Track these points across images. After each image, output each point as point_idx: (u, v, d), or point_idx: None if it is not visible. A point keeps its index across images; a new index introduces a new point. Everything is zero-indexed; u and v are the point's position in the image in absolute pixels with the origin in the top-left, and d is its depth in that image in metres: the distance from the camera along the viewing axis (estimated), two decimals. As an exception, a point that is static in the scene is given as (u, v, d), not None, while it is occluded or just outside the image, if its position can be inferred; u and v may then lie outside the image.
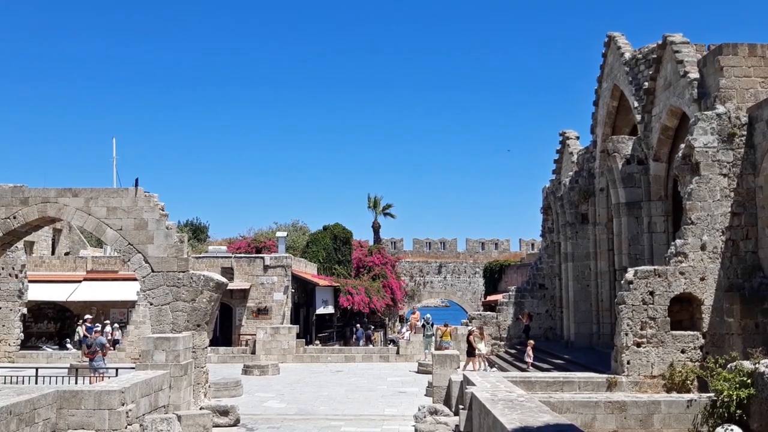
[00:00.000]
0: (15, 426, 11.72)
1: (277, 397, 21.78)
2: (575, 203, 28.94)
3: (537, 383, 16.21)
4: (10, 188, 18.83)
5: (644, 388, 16.44)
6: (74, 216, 18.89)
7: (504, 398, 11.96)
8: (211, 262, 36.00)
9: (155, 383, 15.63)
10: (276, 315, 36.85)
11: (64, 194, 18.74)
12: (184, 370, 17.02)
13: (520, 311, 33.05)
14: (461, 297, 65.74)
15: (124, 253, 18.82)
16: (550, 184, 34.43)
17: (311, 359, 32.66)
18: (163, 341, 16.93)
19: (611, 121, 27.24)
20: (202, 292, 18.47)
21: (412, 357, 31.93)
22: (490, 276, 55.42)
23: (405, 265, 63.81)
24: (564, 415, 12.83)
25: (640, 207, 22.92)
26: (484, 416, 11.45)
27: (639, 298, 16.93)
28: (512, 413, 10.45)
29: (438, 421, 15.00)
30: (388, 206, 65.06)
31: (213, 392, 20.20)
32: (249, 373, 27.29)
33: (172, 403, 16.53)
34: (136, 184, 18.87)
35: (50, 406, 13.01)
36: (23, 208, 18.66)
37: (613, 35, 26.53)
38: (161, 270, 18.46)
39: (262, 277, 37.28)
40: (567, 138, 33.39)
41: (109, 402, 13.31)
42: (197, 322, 18.43)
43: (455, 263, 66.29)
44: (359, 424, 17.14)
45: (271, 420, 17.76)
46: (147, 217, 18.64)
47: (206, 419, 16.20)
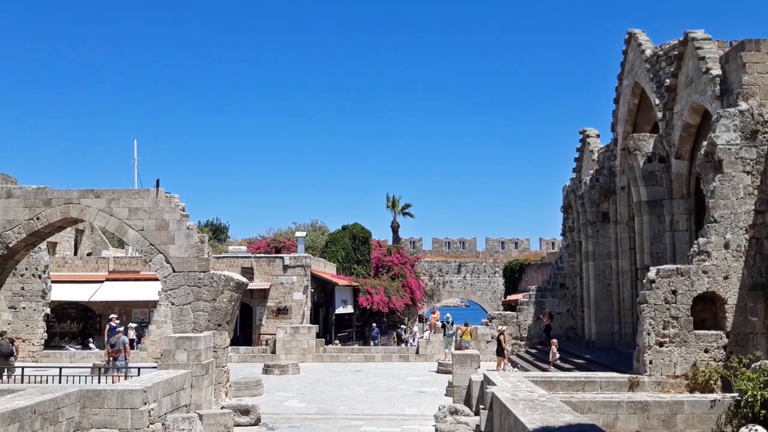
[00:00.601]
0: (39, 425, 11.85)
1: (297, 396, 21.84)
2: (596, 202, 28.73)
3: (558, 383, 16.11)
4: (33, 190, 19.05)
5: (667, 388, 16.27)
6: (96, 217, 19.08)
7: (525, 398, 11.89)
8: (231, 262, 36.21)
9: (177, 382, 15.73)
10: (295, 315, 36.98)
11: (87, 195, 18.92)
12: (206, 370, 17.12)
13: (540, 311, 32.89)
14: (481, 296, 65.52)
15: (146, 254, 18.97)
16: (570, 182, 34.21)
17: (331, 359, 32.73)
18: (184, 341, 17.04)
19: (632, 118, 26.98)
20: (223, 292, 18.57)
21: (432, 357, 31.88)
22: (510, 275, 55.21)
23: (424, 265, 63.72)
24: (586, 415, 12.75)
25: (662, 205, 22.69)
26: (505, 416, 11.40)
27: (661, 298, 16.75)
28: (533, 413, 10.39)
29: (458, 420, 14.96)
30: (406, 206, 65.02)
31: (234, 391, 20.30)
32: (269, 373, 27.41)
33: (194, 402, 16.63)
34: (157, 185, 19.01)
35: (74, 405, 13.14)
36: (46, 209, 18.87)
37: (633, 32, 26.29)
38: (182, 270, 18.59)
39: (281, 277, 37.43)
40: (587, 136, 33.14)
41: (132, 401, 13.42)
42: (218, 322, 18.54)
43: (475, 262, 66.06)
44: (379, 424, 17.14)
45: (292, 419, 17.82)
46: (168, 218, 18.78)
47: (227, 418, 16.29)
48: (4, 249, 18.78)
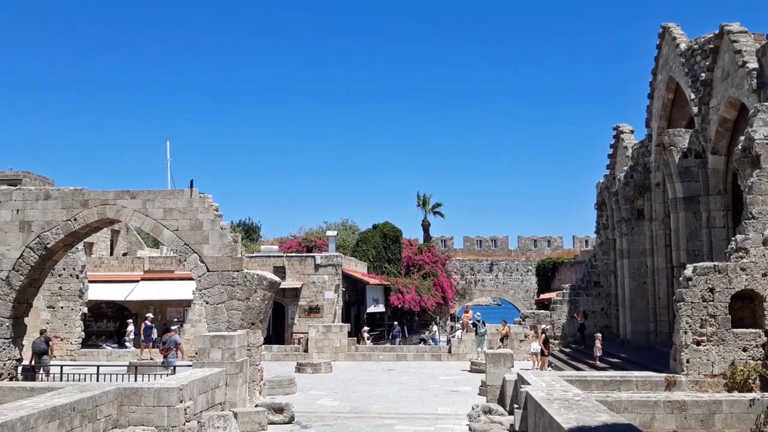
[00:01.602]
0: (78, 422, 12.07)
1: (330, 395, 21.91)
2: (630, 198, 28.37)
3: (593, 382, 15.94)
4: (70, 191, 19.39)
5: (704, 387, 15.99)
6: (132, 217, 19.36)
7: (560, 397, 11.79)
8: (263, 262, 36.47)
9: (212, 381, 15.89)
10: (327, 313, 37.12)
11: (123, 196, 19.21)
12: (240, 368, 17.27)
13: (574, 309, 32.59)
14: (513, 295, 65.10)
15: (181, 253, 19.20)
16: (604, 179, 33.85)
17: (363, 357, 32.78)
18: (219, 339, 17.20)
19: (667, 114, 26.60)
20: (256, 291, 18.72)
21: (464, 356, 31.75)
22: (543, 274, 54.72)
23: (455, 264, 63.49)
24: (622, 414, 12.60)
25: (699, 202, 22.32)
26: (540, 416, 11.31)
27: (698, 296, 16.47)
28: (568, 413, 10.29)
29: (492, 420, 14.87)
30: (437, 205, 64.81)
31: (267, 390, 20.44)
32: (302, 371, 27.55)
33: (228, 400, 16.78)
34: (191, 185, 19.22)
35: (111, 403, 13.34)
36: (83, 210, 19.20)
37: (667, 26, 25.90)
38: (216, 269, 18.78)
39: (313, 276, 37.60)
40: (621, 132, 32.75)
41: (168, 399, 13.58)
42: (251, 321, 18.69)
43: (507, 261, 65.63)
44: (413, 423, 17.11)
45: (325, 418, 17.87)
46: (202, 218, 18.98)
47: (262, 416, 16.40)
48: (42, 249, 19.15)
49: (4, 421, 10.04)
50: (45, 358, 22.34)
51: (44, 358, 22.32)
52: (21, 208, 19.22)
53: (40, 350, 22.53)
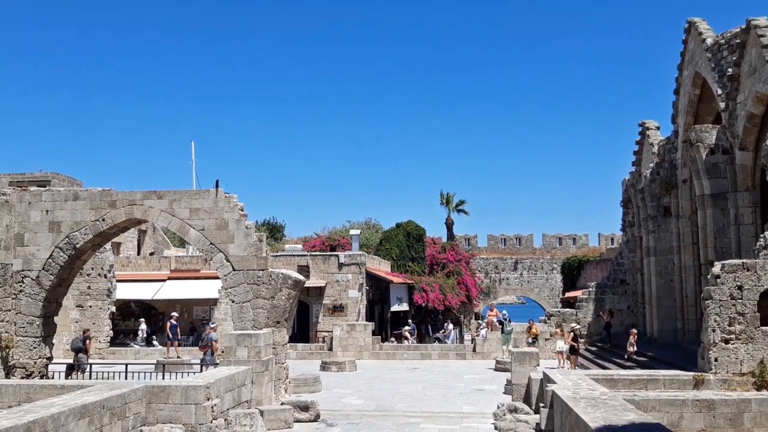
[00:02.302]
0: (108, 419, 12.24)
1: (355, 393, 21.98)
2: (657, 196, 28.07)
3: (620, 381, 15.81)
4: (98, 192, 19.67)
5: (733, 386, 15.78)
6: (159, 217, 19.59)
7: (586, 396, 11.71)
8: (287, 261, 36.67)
9: (238, 379, 16.03)
10: (351, 312, 37.22)
11: (150, 197, 19.44)
12: (266, 366, 17.39)
13: (600, 308, 32.32)
14: (538, 294, 64.70)
15: (207, 253, 19.39)
16: (629, 176, 33.52)
17: (387, 356, 32.82)
18: (244, 338, 17.34)
19: (693, 109, 26.26)
20: (281, 290, 18.84)
21: (489, 355, 31.65)
22: (568, 272, 54.35)
23: (480, 262, 63.25)
24: (649, 413, 12.49)
25: (726, 198, 22.02)
26: (566, 414, 11.25)
27: (726, 293, 16.25)
28: (595, 411, 10.23)
29: (518, 419, 14.83)
30: (461, 203, 64.59)
31: (293, 388, 20.56)
32: (327, 370, 27.66)
33: (255, 398, 16.91)
34: (216, 185, 19.40)
35: (140, 401, 13.51)
36: (111, 211, 19.46)
37: (693, 21, 25.57)
38: (242, 268, 18.94)
39: (337, 275, 37.71)
40: (647, 128, 32.40)
41: (196, 397, 13.72)
42: (277, 319, 18.81)
43: (531, 259, 65.24)
44: (438, 421, 17.10)
45: (350, 416, 17.94)
46: (227, 218, 19.15)
47: (287, 414, 16.51)
48: (71, 249, 19.46)
49: (36, 418, 10.23)
50: (82, 356, 22.93)
51: (81, 356, 22.92)
52: (50, 208, 19.54)
53: (77, 348, 23.19)
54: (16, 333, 19.25)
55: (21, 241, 19.49)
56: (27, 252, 19.44)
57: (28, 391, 14.27)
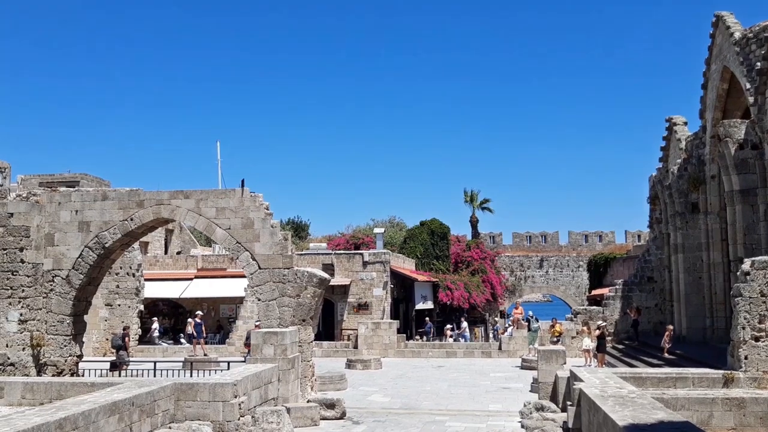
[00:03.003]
0: (137, 416, 12.39)
1: (380, 391, 22.02)
2: (685, 192, 27.74)
3: (648, 379, 15.65)
4: (126, 192, 19.90)
5: (763, 384, 15.53)
6: (186, 217, 19.78)
7: (614, 394, 11.62)
8: (312, 259, 36.81)
9: (265, 376, 16.12)
10: (376, 310, 37.26)
11: (177, 196, 19.62)
12: (292, 364, 17.48)
13: (627, 305, 32.04)
14: (564, 291, 64.20)
15: (233, 251, 19.54)
16: (657, 172, 33.16)
17: (412, 354, 32.82)
18: (271, 335, 17.44)
19: (721, 104, 25.88)
20: (306, 288, 18.93)
21: (515, 353, 31.52)
22: (594, 269, 53.86)
23: (505, 260, 62.94)
24: (678, 412, 12.35)
25: (756, 194, 21.66)
26: (594, 413, 11.17)
27: (757, 290, 16.00)
28: (624, 410, 10.14)
29: (545, 417, 14.74)
30: (485, 200, 64.35)
31: (319, 385, 20.64)
32: (352, 367, 27.74)
33: (281, 395, 17.00)
34: (242, 184, 19.53)
35: (169, 398, 13.65)
36: (139, 210, 19.69)
37: (721, 15, 25.21)
38: (267, 267, 19.05)
39: (361, 273, 37.78)
40: (674, 124, 32.01)
41: (223, 394, 13.82)
42: (302, 317, 18.91)
43: (557, 257, 64.74)
44: (464, 419, 17.07)
45: (376, 414, 17.98)
46: (253, 217, 19.27)
47: (314, 412, 16.59)
48: (101, 249, 19.72)
49: (67, 415, 10.38)
50: (122, 353, 23.68)
51: (121, 353, 23.68)
52: (80, 208, 19.82)
53: (117, 345, 24.01)
54: (47, 331, 19.56)
55: (51, 240, 19.80)
56: (57, 251, 19.73)
57: (59, 388, 14.50)
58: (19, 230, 19.59)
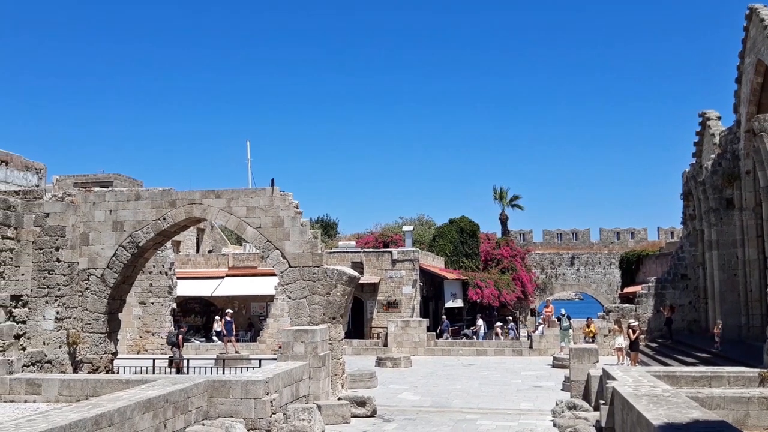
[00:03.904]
0: (171, 413, 12.55)
1: (410, 389, 22.02)
2: (719, 188, 27.31)
3: (682, 378, 15.44)
4: (159, 192, 20.17)
5: (802, 383, 15.24)
6: (217, 216, 19.99)
7: (648, 393, 11.48)
8: (341, 257, 36.95)
9: (296, 374, 16.23)
10: (405, 308, 37.27)
11: (208, 196, 19.84)
12: (322, 362, 17.57)
13: (661, 303, 31.65)
14: (596, 289, 63.57)
15: (264, 250, 19.69)
16: (690, 168, 32.67)
17: (442, 352, 32.77)
18: (301, 333, 17.54)
19: (756, 98, 25.43)
20: (336, 286, 19.01)
21: (546, 351, 31.30)
22: (626, 267, 53.25)
23: (535, 258, 62.52)
24: (714, 411, 12.16)
25: (793, 189, 21.27)
26: (628, 411, 11.06)
27: (795, 288, 15.72)
28: (658, 409, 10.02)
29: (577, 416, 14.62)
30: (515, 198, 64.02)
31: (349, 383, 20.71)
32: (382, 365, 27.77)
33: (312, 393, 17.10)
34: (272, 184, 19.67)
35: (202, 395, 13.81)
36: (172, 210, 19.94)
37: (754, 7, 24.76)
38: (297, 265, 19.17)
39: (390, 271, 37.81)
40: (707, 119, 31.53)
41: (255, 391, 13.95)
42: (332, 315, 18.99)
43: (588, 254, 64.11)
44: (495, 418, 17.00)
45: (407, 412, 17.98)
46: (283, 215, 19.40)
47: (345, 409, 16.65)
48: (134, 248, 20.01)
49: (103, 412, 10.56)
50: (176, 350, 24.62)
51: (174, 350, 24.61)
52: (113, 208, 20.13)
53: (172, 343, 25.03)
54: (83, 329, 19.90)
55: (86, 240, 20.14)
56: (92, 251, 20.07)
57: (95, 385, 14.74)
58: (55, 230, 19.96)
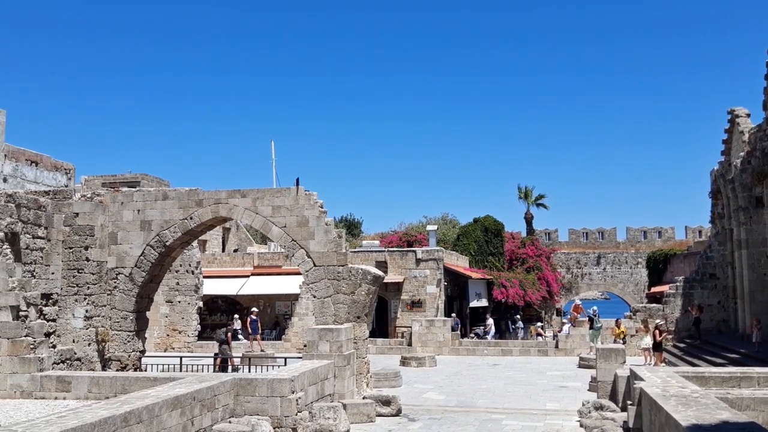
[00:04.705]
0: (198, 411, 12.67)
1: (435, 388, 21.99)
2: (748, 186, 26.89)
3: (711, 378, 15.21)
4: (186, 191, 20.35)
5: (834, 384, 14.94)
6: (243, 215, 20.12)
7: (677, 394, 11.35)
8: (365, 256, 36.97)
9: (321, 372, 16.28)
10: (429, 308, 37.19)
11: (234, 195, 19.99)
12: (347, 360, 17.61)
13: (689, 303, 31.26)
14: (622, 289, 62.95)
15: (288, 249, 19.78)
16: (718, 166, 32.21)
17: (467, 352, 32.66)
18: (326, 332, 17.60)
19: (787, 95, 25.00)
20: (361, 285, 19.04)
21: (572, 351, 31.05)
22: (653, 266, 52.69)
23: (561, 257, 62.07)
24: (744, 412, 11.97)
25: (825, 187, 20.86)
26: (656, 412, 10.94)
27: (828, 288, 15.43)
28: (687, 410, 9.90)
29: (604, 416, 14.49)
30: (540, 196, 63.63)
31: (374, 382, 20.75)
32: (406, 365, 27.76)
33: (337, 392, 17.15)
34: (297, 183, 19.76)
35: (228, 393, 13.92)
36: (198, 209, 20.12)
37: (787, 1, 24.33)
38: (322, 264, 19.24)
39: (414, 271, 37.75)
40: (736, 116, 31.06)
41: (281, 390, 14.02)
42: (357, 314, 19.03)
43: (615, 253, 63.50)
44: (521, 418, 16.91)
45: (432, 411, 17.96)
46: (308, 215, 19.48)
47: (370, 408, 16.67)
48: (162, 247, 20.22)
49: (132, 409, 10.68)
50: (225, 348, 25.23)
51: (224, 347, 25.22)
52: (141, 208, 20.36)
53: (221, 340, 25.70)
54: (112, 327, 20.15)
55: (115, 239, 20.39)
56: (120, 250, 20.32)
57: (123, 382, 14.93)
58: (84, 229, 20.23)
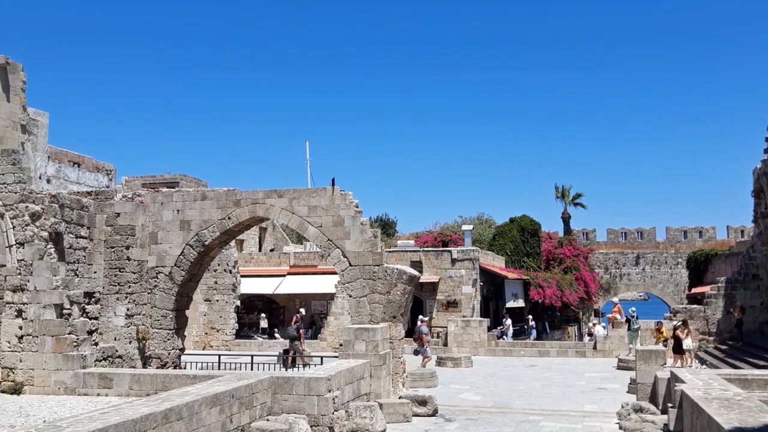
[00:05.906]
0: (237, 408, 12.83)
1: (471, 389, 21.90)
2: (793, 185, 26.20)
3: (754, 381, 14.89)
4: (224, 192, 20.61)
5: None
6: (280, 215, 20.31)
7: (719, 396, 11.14)
8: (400, 256, 36.97)
9: (357, 372, 16.34)
10: (465, 308, 37.03)
11: (271, 195, 20.18)
12: (383, 360, 17.64)
13: (731, 304, 30.58)
14: (662, 289, 61.91)
15: (324, 249, 19.89)
16: (761, 164, 31.44)
17: (503, 353, 32.45)
18: (362, 332, 17.66)
19: (835, 91, 24.31)
20: (396, 285, 19.05)
21: (611, 352, 30.64)
22: (694, 266, 51.73)
23: (599, 257, 61.28)
24: (789, 416, 11.70)
25: None
26: (697, 415, 10.75)
27: None
28: (729, 413, 9.72)
29: (644, 419, 14.29)
30: (578, 195, 62.87)
31: (410, 382, 20.74)
32: (442, 365, 27.69)
33: (373, 391, 17.19)
34: (332, 183, 19.85)
35: (266, 391, 14.05)
36: (236, 209, 20.35)
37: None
38: (358, 264, 19.30)
39: (449, 271, 37.61)
40: (780, 113, 30.28)
41: (318, 388, 14.11)
42: (393, 314, 19.04)
43: (654, 253, 62.49)
44: (558, 420, 16.75)
45: (468, 412, 17.89)
46: (343, 215, 19.57)
47: (406, 408, 16.68)
48: (200, 247, 20.50)
49: (172, 406, 10.86)
50: (296, 344, 26.09)
51: (295, 343, 26.10)
52: (180, 208, 20.67)
53: (291, 336, 26.43)
54: (152, 325, 20.50)
55: (155, 239, 20.73)
56: (160, 249, 20.65)
57: (163, 380, 15.18)
58: (125, 229, 20.62)
